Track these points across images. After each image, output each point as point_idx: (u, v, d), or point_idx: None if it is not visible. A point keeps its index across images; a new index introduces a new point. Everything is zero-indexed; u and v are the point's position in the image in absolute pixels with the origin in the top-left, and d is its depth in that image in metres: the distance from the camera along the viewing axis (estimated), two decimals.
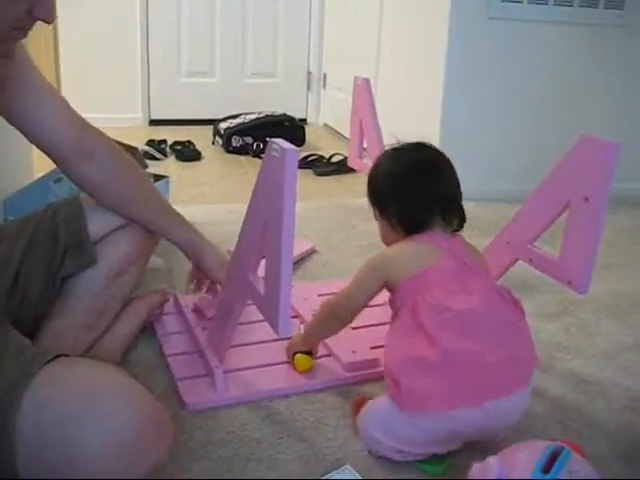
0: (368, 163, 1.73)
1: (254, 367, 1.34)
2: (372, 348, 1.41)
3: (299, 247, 1.99)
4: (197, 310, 1.52)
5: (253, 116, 3.46)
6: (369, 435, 1.10)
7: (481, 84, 2.58)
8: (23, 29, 0.94)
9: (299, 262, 1.94)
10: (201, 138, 3.43)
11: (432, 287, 1.09)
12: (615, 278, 1.58)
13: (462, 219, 1.22)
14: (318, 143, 3.58)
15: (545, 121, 2.67)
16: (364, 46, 3.41)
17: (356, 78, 1.87)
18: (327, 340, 1.41)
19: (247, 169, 3.08)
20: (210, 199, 2.49)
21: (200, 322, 1.47)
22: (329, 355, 1.41)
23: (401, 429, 1.05)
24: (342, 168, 3.04)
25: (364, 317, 1.30)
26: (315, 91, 4.21)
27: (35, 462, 0.83)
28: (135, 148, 2.58)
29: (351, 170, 3.03)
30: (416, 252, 1.16)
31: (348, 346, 1.40)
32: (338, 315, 1.24)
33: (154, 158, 3.03)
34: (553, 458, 0.85)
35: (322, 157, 3.14)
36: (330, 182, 2.94)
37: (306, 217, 2.37)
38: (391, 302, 1.19)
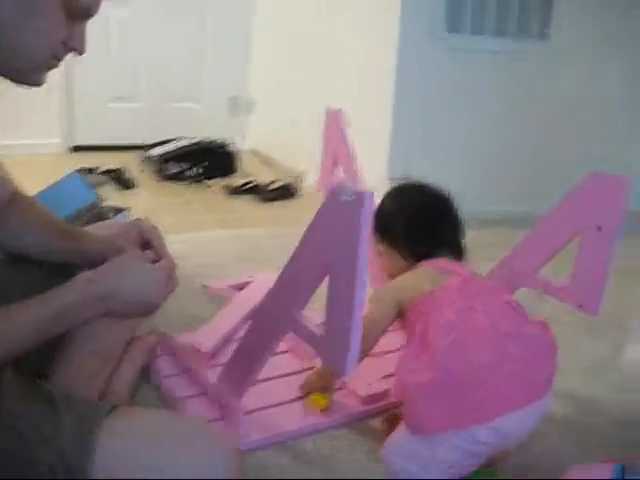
0: None
1: (270, 406, 1.32)
2: (383, 377, 1.43)
3: (265, 283, 1.93)
4: (190, 349, 1.48)
5: (185, 142, 3.40)
6: (394, 465, 1.10)
7: (430, 110, 2.67)
8: (58, 59, 0.94)
9: None
10: (129, 165, 3.32)
11: (441, 307, 1.12)
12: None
13: (463, 250, 1.36)
14: (248, 169, 3.55)
15: (490, 140, 2.79)
16: (299, 73, 3.44)
17: (328, 109, 1.88)
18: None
19: (188, 197, 3.02)
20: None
21: (197, 361, 1.44)
22: (341, 388, 1.41)
23: (421, 452, 1.06)
24: (284, 194, 3.06)
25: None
26: (241, 116, 4.18)
27: None
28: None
29: (291, 196, 3.08)
30: (424, 276, 1.24)
31: (362, 377, 1.40)
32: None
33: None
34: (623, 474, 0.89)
35: (261, 183, 3.13)
36: (276, 209, 2.94)
37: (266, 245, 2.36)
38: (403, 327, 1.25)
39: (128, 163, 3.25)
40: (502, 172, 2.77)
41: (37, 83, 0.95)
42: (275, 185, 3.10)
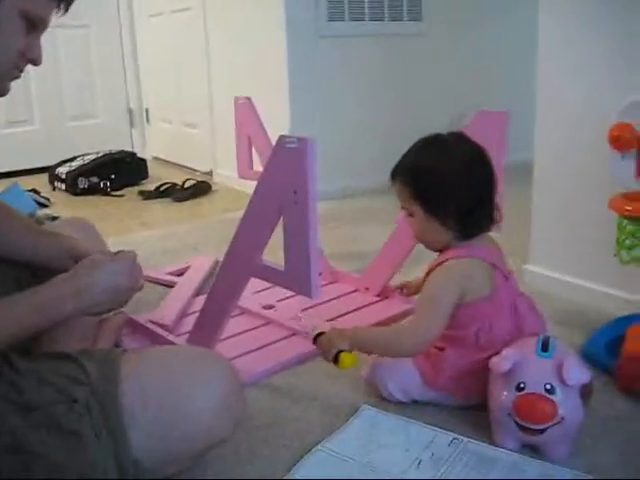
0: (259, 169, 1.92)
1: (239, 355, 1.48)
2: (328, 321, 1.62)
3: (202, 265, 2.11)
4: (154, 323, 1.62)
5: (92, 156, 3.46)
6: (386, 387, 1.28)
7: (320, 95, 2.89)
8: (19, 69, 1.02)
9: (211, 278, 2.03)
10: (37, 186, 3.35)
11: (495, 314, 1.20)
12: None
13: (500, 215, 1.26)
14: (157, 174, 3.66)
15: (375, 119, 3.04)
16: (190, 75, 3.58)
17: (237, 98, 2.02)
18: (288, 322, 1.60)
19: (105, 208, 3.10)
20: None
21: (162, 333, 1.58)
22: (294, 334, 1.59)
23: (411, 388, 1.27)
24: (198, 191, 3.19)
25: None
26: (138, 126, 4.27)
27: (148, 433, 0.92)
28: None
29: (205, 192, 3.21)
30: (478, 272, 1.20)
31: (309, 324, 1.59)
32: (413, 347, 1.22)
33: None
34: (546, 343, 1.12)
35: (175, 184, 3.25)
36: (192, 206, 3.07)
37: (192, 237, 2.50)
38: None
39: (37, 184, 3.29)
40: (387, 145, 3.02)
41: (1, 93, 1.03)
42: (188, 184, 3.22)
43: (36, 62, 1.03)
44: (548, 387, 1.06)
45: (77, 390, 0.92)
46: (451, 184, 1.17)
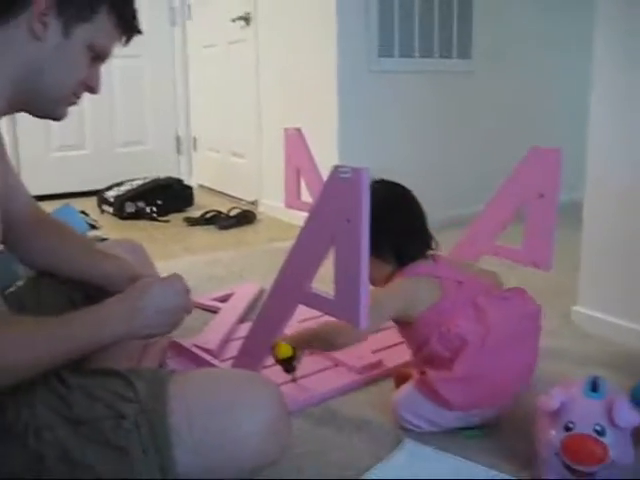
0: (308, 200, 1.94)
1: (280, 384, 1.48)
2: (372, 352, 1.62)
3: (247, 292, 2.13)
4: (198, 348, 1.64)
5: (140, 182, 3.53)
6: (404, 418, 1.31)
7: (368, 129, 2.92)
8: (77, 96, 1.08)
9: (256, 305, 2.04)
10: (86, 209, 3.43)
11: (451, 317, 1.26)
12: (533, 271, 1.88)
13: (435, 241, 1.42)
14: (202, 202, 3.72)
15: (423, 154, 3.05)
16: (239, 106, 3.65)
17: (287, 129, 2.06)
18: (332, 353, 1.60)
19: (151, 232, 3.16)
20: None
21: (206, 357, 1.59)
22: (336, 365, 1.59)
23: (431, 416, 1.29)
24: (243, 220, 3.23)
25: None
26: (186, 154, 4.36)
27: (193, 453, 0.93)
28: None
29: (250, 221, 3.25)
30: (422, 287, 1.32)
31: (353, 354, 1.59)
32: (355, 336, 1.33)
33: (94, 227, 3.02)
34: (595, 383, 1.10)
35: (220, 212, 3.30)
36: (237, 234, 3.10)
37: (237, 264, 2.53)
38: (407, 336, 1.38)
39: (86, 207, 3.36)
40: (442, 179, 3.04)
41: (59, 117, 1.09)
42: (233, 213, 3.27)
43: (94, 91, 1.09)
44: (598, 428, 1.04)
45: (126, 407, 0.93)
46: (380, 223, 1.22)
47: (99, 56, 1.05)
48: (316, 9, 2.92)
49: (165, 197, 3.47)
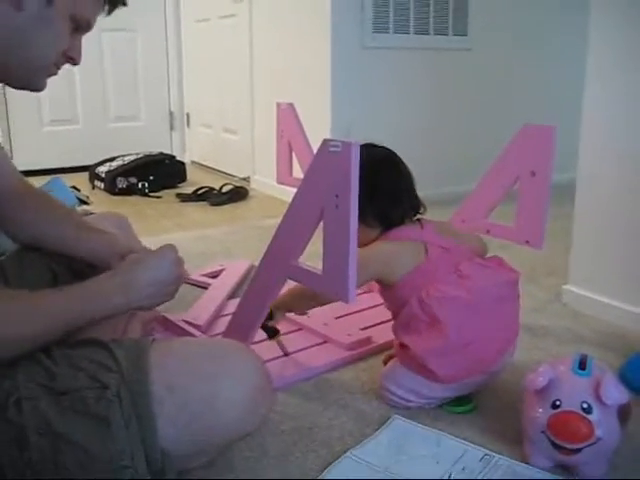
0: (300, 177, 1.92)
1: (269, 360, 1.48)
2: (361, 329, 1.61)
3: (238, 268, 2.12)
4: (187, 323, 1.63)
5: (132, 157, 3.51)
6: (394, 394, 1.31)
7: (362, 105, 2.89)
8: (58, 67, 1.06)
9: (246, 281, 2.04)
10: (77, 184, 3.41)
11: (432, 281, 1.25)
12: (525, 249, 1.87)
13: (419, 205, 1.38)
14: (194, 178, 3.69)
15: (417, 131, 3.03)
16: (232, 82, 3.61)
17: (279, 103, 2.04)
18: (321, 329, 1.60)
19: (142, 207, 3.14)
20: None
21: (194, 332, 1.58)
22: (325, 342, 1.58)
23: (421, 389, 1.28)
24: (235, 196, 3.21)
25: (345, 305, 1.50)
26: (179, 130, 4.32)
27: (175, 422, 0.92)
28: None
29: (242, 198, 3.23)
30: (405, 250, 1.30)
31: (341, 330, 1.59)
32: (321, 300, 1.37)
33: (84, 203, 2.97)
34: (583, 361, 1.09)
35: (212, 189, 3.28)
36: (229, 210, 3.09)
37: (228, 240, 2.52)
38: (388, 298, 1.36)
39: (77, 182, 3.33)
40: (436, 156, 3.02)
41: (39, 88, 1.07)
42: (225, 189, 3.25)
43: (75, 62, 1.07)
44: (585, 406, 1.03)
45: (108, 377, 0.92)
46: (363, 187, 1.22)
47: (81, 26, 1.03)
48: None
49: (157, 173, 3.44)
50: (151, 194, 3.35)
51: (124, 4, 1.07)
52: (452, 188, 2.83)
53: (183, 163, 3.69)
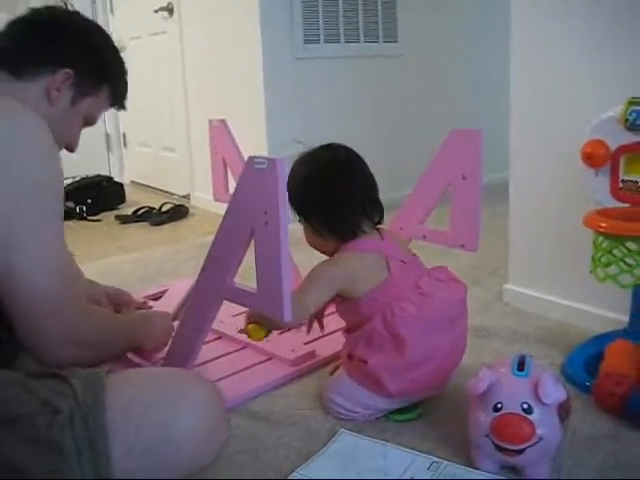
0: None
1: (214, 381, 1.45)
2: (305, 344, 1.60)
3: (181, 288, 2.08)
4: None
5: (68, 181, 3.42)
6: (338, 404, 1.30)
7: (298, 116, 2.89)
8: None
9: None
10: None
11: (395, 298, 1.22)
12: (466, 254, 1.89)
13: (382, 211, 1.33)
14: (134, 198, 3.63)
15: (352, 139, 3.02)
16: (167, 99, 3.57)
17: (211, 120, 2.01)
18: (265, 346, 1.58)
19: (82, 232, 3.07)
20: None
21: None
22: (270, 359, 1.56)
23: (367, 401, 1.28)
24: (175, 215, 3.16)
25: None
26: (116, 151, 4.24)
27: (129, 452, 0.91)
28: None
29: (183, 216, 3.19)
30: (369, 264, 1.26)
31: (285, 346, 1.57)
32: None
33: None
34: (522, 362, 1.10)
35: (152, 208, 3.23)
36: (170, 229, 3.05)
37: (170, 260, 2.48)
38: (346, 311, 1.31)
39: None
40: (374, 163, 3.01)
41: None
42: (165, 208, 3.20)
43: (72, 150, 1.27)
44: (525, 406, 1.04)
45: (61, 401, 0.90)
46: (307, 193, 1.29)
47: (89, 123, 1.26)
48: None
49: (95, 195, 3.37)
50: (90, 218, 3.28)
51: (124, 108, 1.37)
52: (388, 195, 2.83)
53: (121, 184, 3.63)
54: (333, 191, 1.28)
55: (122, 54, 1.29)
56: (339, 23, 2.96)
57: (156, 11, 3.44)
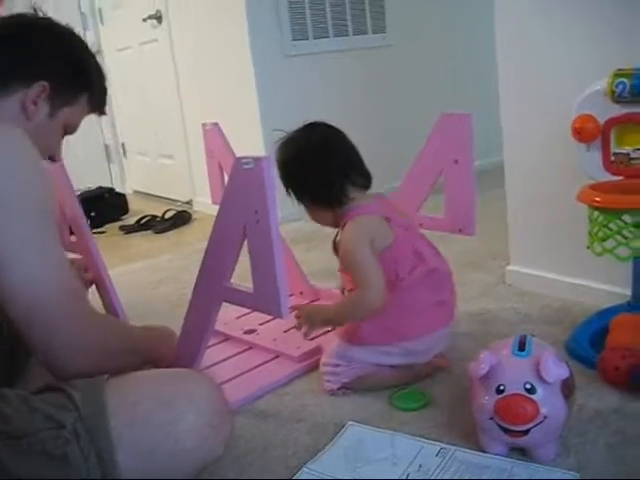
0: None
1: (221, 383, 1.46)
2: (310, 340, 1.59)
3: None
4: None
5: None
6: (327, 365, 1.37)
7: (291, 113, 2.88)
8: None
9: None
10: None
11: (398, 263, 1.30)
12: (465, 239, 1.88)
13: (368, 177, 1.40)
14: (137, 208, 3.64)
15: (348, 132, 3.02)
16: (162, 106, 3.58)
17: (204, 125, 2.01)
18: (270, 345, 1.58)
19: None
20: None
21: None
22: (276, 357, 1.56)
23: (354, 354, 1.36)
24: (178, 221, 3.17)
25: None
26: (116, 161, 4.26)
27: (136, 454, 0.93)
28: None
29: (186, 222, 3.20)
30: (383, 225, 1.32)
31: (292, 344, 1.57)
32: (370, 306, 1.29)
33: None
34: (522, 342, 1.10)
35: (155, 216, 3.24)
36: (173, 236, 3.06)
37: (175, 267, 2.49)
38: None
39: None
40: (367, 154, 3.00)
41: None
42: (168, 215, 3.21)
43: (55, 160, 1.26)
44: (528, 387, 1.04)
45: (64, 415, 0.92)
46: (292, 177, 1.39)
47: (69, 132, 1.22)
48: (226, 1, 2.87)
49: (98, 208, 3.37)
50: (94, 230, 3.28)
51: (105, 114, 1.34)
52: (384, 185, 2.83)
53: (123, 195, 3.64)
54: (311, 169, 1.37)
55: (99, 58, 1.28)
56: (327, 18, 2.95)
57: (145, 20, 3.44)
